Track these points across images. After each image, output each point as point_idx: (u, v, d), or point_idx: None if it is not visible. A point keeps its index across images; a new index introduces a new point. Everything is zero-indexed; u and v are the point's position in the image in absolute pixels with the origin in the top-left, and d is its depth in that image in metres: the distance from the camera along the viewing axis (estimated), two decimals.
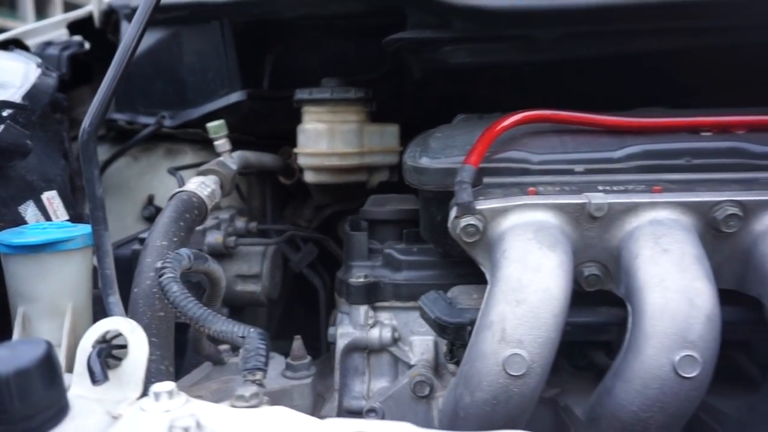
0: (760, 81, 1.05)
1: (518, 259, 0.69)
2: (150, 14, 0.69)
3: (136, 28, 0.70)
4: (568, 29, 0.91)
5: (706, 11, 0.88)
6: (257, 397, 0.56)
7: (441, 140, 0.90)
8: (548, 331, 0.66)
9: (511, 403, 0.66)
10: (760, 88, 1.05)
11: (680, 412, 0.65)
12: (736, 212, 0.71)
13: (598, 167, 0.82)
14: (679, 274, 0.66)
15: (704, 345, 0.64)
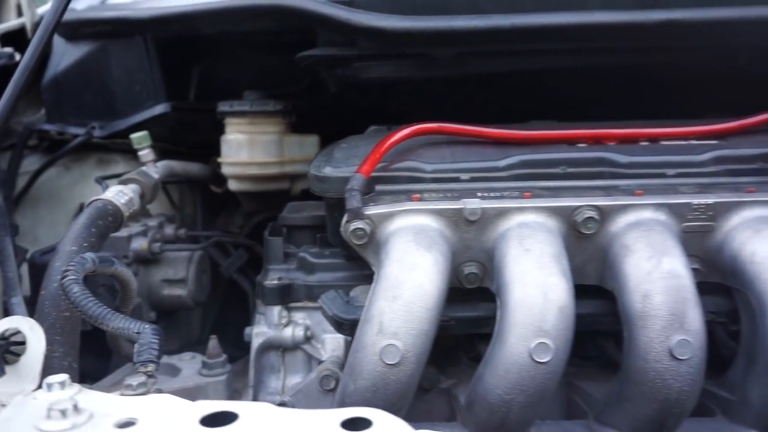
0: (643, 95, 1.16)
1: (397, 259, 0.76)
2: (54, 26, 0.74)
3: (39, 39, 0.74)
4: (462, 49, 1.00)
5: (583, 34, 0.97)
6: (144, 386, 0.62)
7: (345, 150, 0.97)
8: (421, 324, 0.73)
9: (389, 389, 0.73)
10: (643, 101, 1.16)
11: (538, 393, 0.73)
12: (593, 215, 0.80)
13: (482, 175, 0.90)
14: (537, 271, 0.74)
15: (557, 333, 0.72)
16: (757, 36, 1.00)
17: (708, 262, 0.83)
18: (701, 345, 0.72)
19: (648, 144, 0.94)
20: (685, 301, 0.72)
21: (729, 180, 0.88)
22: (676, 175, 0.89)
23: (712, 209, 0.81)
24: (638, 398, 0.75)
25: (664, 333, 0.72)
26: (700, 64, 1.08)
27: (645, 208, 0.81)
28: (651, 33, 0.96)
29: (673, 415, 0.74)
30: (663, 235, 0.78)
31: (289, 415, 0.51)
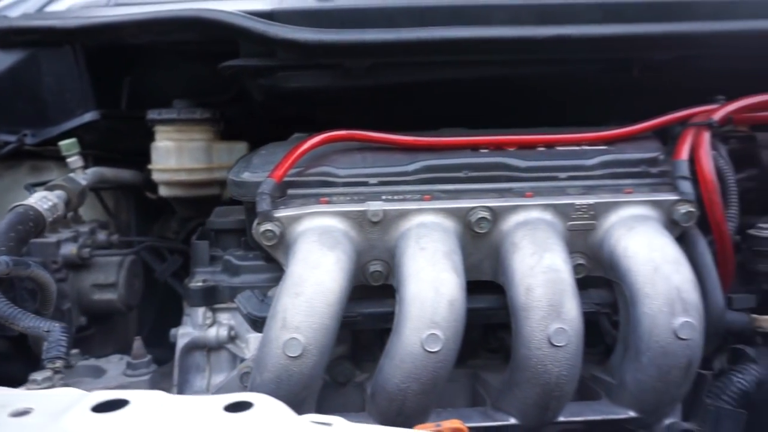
0: (547, 104, 1.24)
1: (301, 258, 0.82)
2: None
3: None
4: (374, 60, 1.06)
5: (486, 47, 1.04)
6: (50, 380, 0.66)
7: (264, 157, 1.02)
8: (323, 319, 0.78)
9: (292, 381, 0.78)
10: (547, 110, 1.24)
11: (431, 381, 0.79)
12: (486, 216, 0.86)
13: (389, 180, 0.96)
14: (430, 268, 0.81)
15: (447, 325, 0.78)
16: (648, 50, 1.09)
17: (591, 257, 0.91)
18: (577, 333, 0.79)
19: (544, 150, 1.02)
20: (563, 293, 0.80)
21: (613, 182, 0.96)
22: (567, 178, 0.97)
23: (593, 209, 0.89)
24: (523, 384, 0.82)
25: (544, 322, 0.79)
26: (597, 75, 1.16)
27: (533, 209, 0.88)
28: (547, 47, 1.03)
29: (555, 398, 0.81)
30: (546, 233, 0.85)
31: (178, 401, 0.56)
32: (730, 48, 1.10)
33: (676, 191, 0.90)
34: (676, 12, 1.09)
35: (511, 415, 0.86)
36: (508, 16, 1.07)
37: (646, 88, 1.20)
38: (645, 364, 0.82)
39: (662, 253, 0.83)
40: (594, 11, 1.08)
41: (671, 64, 1.13)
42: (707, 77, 1.17)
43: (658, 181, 0.96)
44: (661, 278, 0.81)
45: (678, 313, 0.79)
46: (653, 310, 0.81)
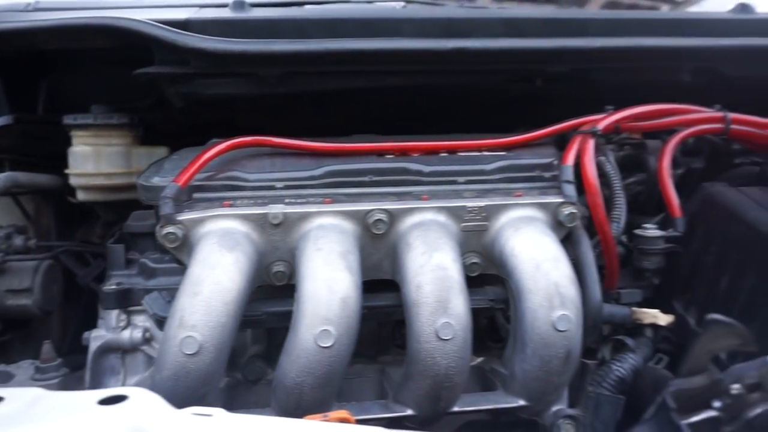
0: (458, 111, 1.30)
1: (201, 260, 0.84)
2: None
3: None
4: (285, 69, 1.09)
5: (393, 58, 1.09)
6: None
7: (175, 162, 1.04)
8: (220, 317, 0.81)
9: (189, 378, 0.80)
10: (457, 117, 1.30)
11: (325, 375, 0.82)
12: (382, 218, 0.91)
13: (296, 184, 1.00)
14: (325, 267, 0.85)
15: (339, 321, 0.82)
16: (543, 63, 1.16)
17: (485, 256, 0.97)
18: (463, 327, 0.85)
19: (446, 155, 1.07)
20: (450, 290, 0.85)
21: (507, 186, 1.03)
22: (465, 182, 1.02)
23: (484, 211, 0.94)
24: (416, 376, 0.86)
25: (432, 317, 0.84)
26: (502, 85, 1.22)
27: (427, 211, 0.93)
28: (450, 58, 1.09)
29: (445, 388, 0.86)
30: (438, 234, 0.90)
31: (53, 397, 0.58)
32: (618, 62, 1.18)
33: (562, 194, 0.97)
34: (570, 28, 1.16)
35: (407, 407, 0.90)
36: (416, 29, 1.12)
37: (549, 97, 1.28)
38: (529, 355, 0.88)
39: (543, 252, 0.89)
40: (496, 26, 1.15)
41: (570, 75, 1.20)
42: (602, 88, 1.25)
43: (550, 185, 1.03)
44: (542, 275, 0.87)
45: (556, 307, 0.86)
46: (534, 305, 0.87)
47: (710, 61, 1.20)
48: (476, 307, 0.97)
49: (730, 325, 0.58)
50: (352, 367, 1.07)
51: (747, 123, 1.15)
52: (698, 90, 1.25)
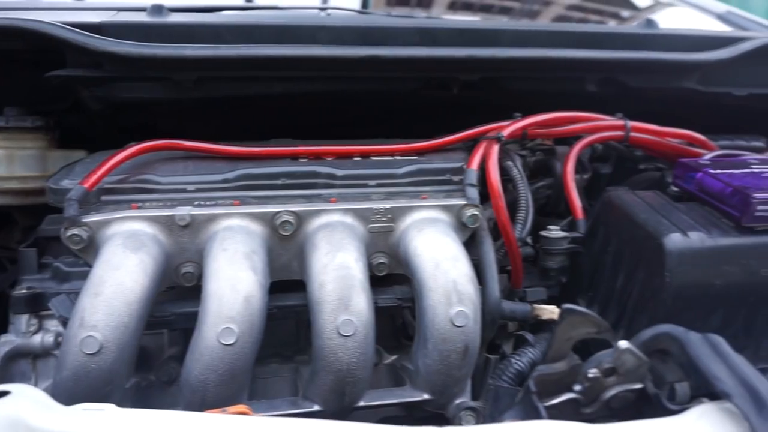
0: (379, 117, 1.34)
1: (104, 261, 0.85)
2: None
3: None
4: (199, 74, 1.11)
5: (307, 65, 1.12)
6: None
7: (87, 165, 1.04)
8: (122, 317, 0.82)
9: (90, 377, 0.81)
10: (378, 123, 1.33)
11: (228, 372, 0.84)
12: (289, 219, 0.93)
13: (207, 187, 1.01)
14: (229, 267, 0.86)
15: (242, 320, 0.84)
16: (455, 71, 1.21)
17: (392, 256, 1.00)
18: (365, 324, 0.88)
19: (360, 159, 1.10)
20: (352, 288, 0.88)
21: (417, 189, 1.06)
22: (375, 185, 1.06)
23: (390, 213, 0.98)
24: (321, 372, 0.89)
25: (334, 315, 0.86)
26: (420, 91, 1.27)
27: (334, 213, 0.96)
28: (363, 66, 1.13)
29: (349, 383, 0.89)
30: (343, 235, 0.93)
31: None
32: (528, 71, 1.24)
33: (465, 197, 1.01)
34: (483, 38, 1.22)
35: (315, 403, 0.92)
36: (332, 36, 1.16)
37: (466, 104, 1.33)
38: (430, 350, 0.92)
39: (443, 251, 0.93)
40: (411, 35, 1.19)
41: (484, 83, 1.26)
42: (517, 96, 1.31)
43: (457, 188, 1.07)
44: (441, 273, 0.91)
45: (454, 304, 0.90)
46: (434, 302, 0.90)
47: (614, 73, 1.28)
48: (384, 306, 1.01)
49: (584, 314, 0.63)
50: (268, 366, 1.09)
51: (645, 131, 1.23)
52: (606, 99, 1.33)
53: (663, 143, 1.25)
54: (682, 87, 1.35)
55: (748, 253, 0.98)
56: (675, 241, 0.97)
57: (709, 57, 1.28)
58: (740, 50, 1.31)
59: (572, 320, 0.62)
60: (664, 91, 1.36)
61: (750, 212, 0.99)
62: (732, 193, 1.02)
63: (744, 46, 1.32)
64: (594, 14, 2.44)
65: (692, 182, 1.12)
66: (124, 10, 1.20)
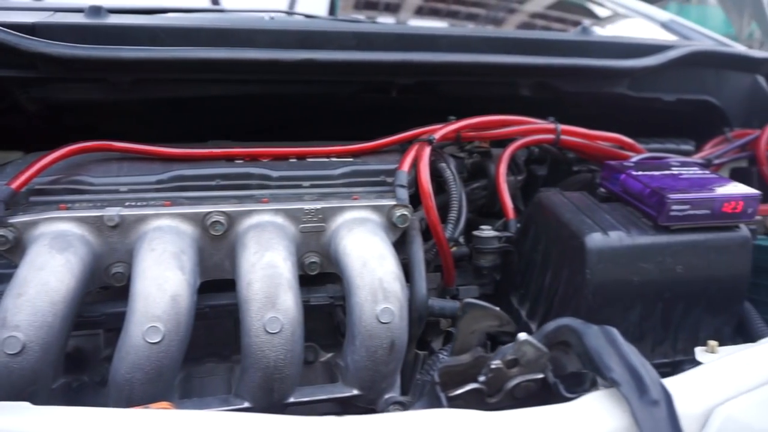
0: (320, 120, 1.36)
1: (28, 261, 0.86)
2: None
3: None
4: (135, 76, 1.12)
5: (241, 67, 1.14)
6: None
7: (18, 165, 1.04)
8: (45, 317, 0.82)
9: (13, 377, 0.81)
10: (319, 125, 1.36)
11: (154, 371, 0.85)
12: (220, 220, 0.95)
13: (140, 188, 1.02)
14: (156, 267, 0.88)
15: (168, 318, 0.85)
16: (391, 75, 1.24)
17: (324, 256, 1.02)
18: (292, 321, 0.90)
19: (296, 161, 1.12)
20: (278, 286, 0.90)
21: (351, 190, 1.09)
22: (309, 186, 1.08)
23: (321, 213, 1.00)
24: (249, 369, 0.91)
25: (260, 313, 0.88)
26: (359, 94, 1.30)
27: (265, 213, 0.98)
28: (300, 69, 1.15)
29: (277, 380, 0.91)
30: (272, 234, 0.95)
31: None
32: (464, 76, 1.28)
33: (395, 197, 1.04)
34: (420, 43, 1.25)
35: (245, 400, 0.94)
36: (270, 40, 1.18)
37: (405, 107, 1.36)
38: (357, 347, 0.94)
39: (371, 250, 0.96)
40: (349, 39, 1.22)
41: (422, 87, 1.29)
42: (454, 100, 1.35)
43: (390, 189, 1.10)
44: (368, 271, 0.94)
45: (380, 301, 0.92)
46: (361, 299, 0.93)
47: (546, 78, 1.32)
48: (317, 304, 1.03)
49: (485, 308, 0.66)
50: (204, 366, 1.11)
51: (575, 134, 1.28)
52: (542, 103, 1.38)
53: (593, 146, 1.30)
54: (614, 92, 1.41)
55: (663, 251, 1.03)
56: (595, 239, 1.01)
57: (637, 64, 1.34)
58: (666, 57, 1.37)
59: (474, 314, 0.66)
60: (598, 95, 1.42)
61: (665, 212, 1.04)
62: (650, 194, 1.08)
63: (670, 53, 1.38)
64: (557, 23, 2.51)
65: (617, 183, 1.17)
66: (62, 10, 1.20)
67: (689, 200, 1.04)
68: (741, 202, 1.07)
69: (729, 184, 1.11)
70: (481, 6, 2.54)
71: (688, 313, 1.09)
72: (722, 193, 1.07)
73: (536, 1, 2.78)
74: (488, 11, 2.54)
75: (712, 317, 1.11)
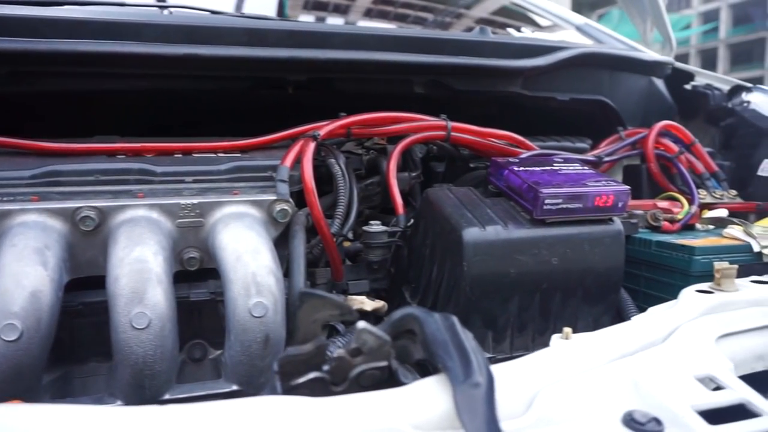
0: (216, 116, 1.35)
1: None
2: None
3: None
4: (9, 68, 1.09)
5: (128, 62, 1.12)
6: None
7: None
8: None
9: None
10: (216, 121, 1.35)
11: (11, 369, 0.83)
12: (90, 215, 0.94)
13: (12, 183, 0.99)
14: (15, 263, 0.86)
15: (26, 315, 0.83)
16: (281, 71, 1.25)
17: (204, 251, 1.02)
18: (161, 316, 0.89)
19: (181, 157, 1.12)
20: (147, 282, 0.89)
21: (233, 185, 1.09)
22: (192, 182, 1.08)
23: (198, 208, 1.00)
24: (119, 366, 0.90)
25: (127, 308, 0.87)
26: (254, 91, 1.30)
27: (139, 208, 0.97)
28: (185, 64, 1.14)
29: (147, 377, 0.90)
30: (144, 229, 0.94)
31: None
32: (356, 73, 1.30)
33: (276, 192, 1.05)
34: (313, 40, 1.26)
35: (117, 398, 0.93)
36: (157, 34, 1.16)
37: (303, 104, 1.37)
38: (233, 342, 0.94)
39: (245, 244, 0.96)
40: (240, 35, 1.22)
41: (317, 84, 1.30)
42: (349, 97, 1.36)
43: (274, 184, 1.11)
44: (241, 265, 0.94)
45: (252, 295, 0.93)
46: (234, 294, 0.93)
47: (440, 76, 1.36)
48: (197, 300, 1.03)
49: (322, 297, 0.67)
50: (87, 365, 1.09)
51: (467, 131, 1.31)
52: (440, 102, 1.41)
53: (485, 143, 1.34)
54: (509, 91, 1.45)
55: (539, 243, 1.08)
56: (472, 233, 1.04)
57: (526, 64, 1.38)
58: (556, 58, 1.43)
59: (312, 304, 0.67)
60: (494, 94, 1.46)
61: (539, 206, 1.08)
62: (527, 189, 1.12)
63: (560, 54, 1.44)
64: (501, 28, 2.57)
65: (501, 179, 1.21)
66: None
67: (561, 194, 1.08)
68: (612, 197, 1.12)
69: (603, 180, 1.16)
70: (428, 10, 2.59)
71: (566, 304, 1.14)
72: (594, 187, 1.12)
73: (482, 6, 2.85)
74: (436, 15, 2.58)
75: (590, 307, 1.16)
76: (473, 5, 2.86)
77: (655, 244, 1.30)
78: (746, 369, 0.91)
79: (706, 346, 0.83)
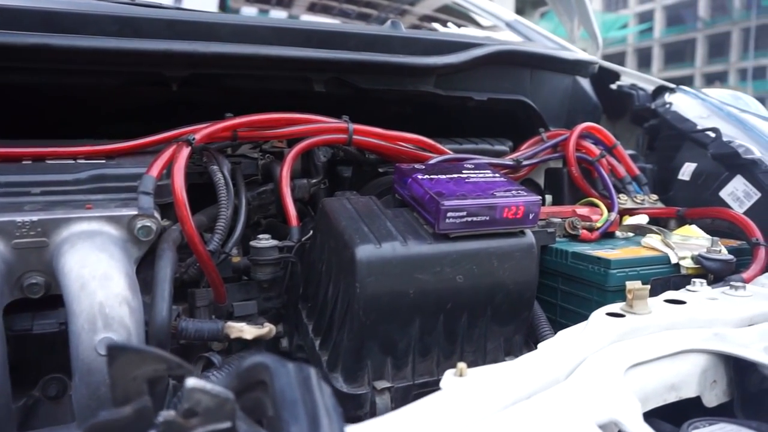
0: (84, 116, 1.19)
1: None
2: None
3: None
4: None
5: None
6: None
7: None
8: None
9: None
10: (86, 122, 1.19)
11: None
12: None
13: None
14: None
15: None
16: (156, 66, 1.10)
17: (50, 275, 0.87)
18: None
19: (29, 163, 0.96)
20: None
21: (89, 197, 0.94)
22: (41, 193, 0.92)
23: (40, 226, 0.85)
24: None
25: None
26: (133, 87, 1.14)
27: None
28: (35, 55, 0.98)
29: None
30: None
31: None
32: (245, 69, 1.16)
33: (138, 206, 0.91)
34: (195, 32, 1.12)
35: None
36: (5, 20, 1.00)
37: (191, 103, 1.23)
38: (78, 384, 0.80)
39: (92, 269, 0.82)
40: (109, 23, 1.06)
41: (204, 80, 1.16)
42: (243, 95, 1.23)
43: None
44: (86, 295, 0.80)
45: (99, 330, 0.79)
46: (77, 328, 0.79)
47: (341, 73, 1.24)
48: (42, 332, 0.88)
49: (139, 351, 0.55)
50: None
51: (371, 134, 1.20)
52: (344, 101, 1.29)
53: (392, 147, 1.23)
54: (421, 90, 1.35)
55: (441, 260, 0.97)
56: (366, 251, 0.93)
57: (438, 61, 1.28)
58: (472, 56, 1.33)
59: (126, 359, 0.54)
60: (406, 93, 1.35)
61: (441, 219, 0.98)
62: (429, 200, 1.01)
63: (476, 52, 1.34)
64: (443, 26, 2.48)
65: (405, 188, 1.10)
66: None
67: (465, 207, 0.98)
68: (522, 207, 1.03)
69: (513, 190, 1.07)
70: (372, 6, 2.49)
71: (474, 325, 1.04)
72: (503, 198, 1.03)
73: (425, 3, 2.78)
74: (379, 12, 2.49)
75: (501, 326, 1.07)
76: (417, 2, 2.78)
77: (572, 256, 1.22)
78: (657, 401, 0.83)
79: (613, 383, 0.74)
